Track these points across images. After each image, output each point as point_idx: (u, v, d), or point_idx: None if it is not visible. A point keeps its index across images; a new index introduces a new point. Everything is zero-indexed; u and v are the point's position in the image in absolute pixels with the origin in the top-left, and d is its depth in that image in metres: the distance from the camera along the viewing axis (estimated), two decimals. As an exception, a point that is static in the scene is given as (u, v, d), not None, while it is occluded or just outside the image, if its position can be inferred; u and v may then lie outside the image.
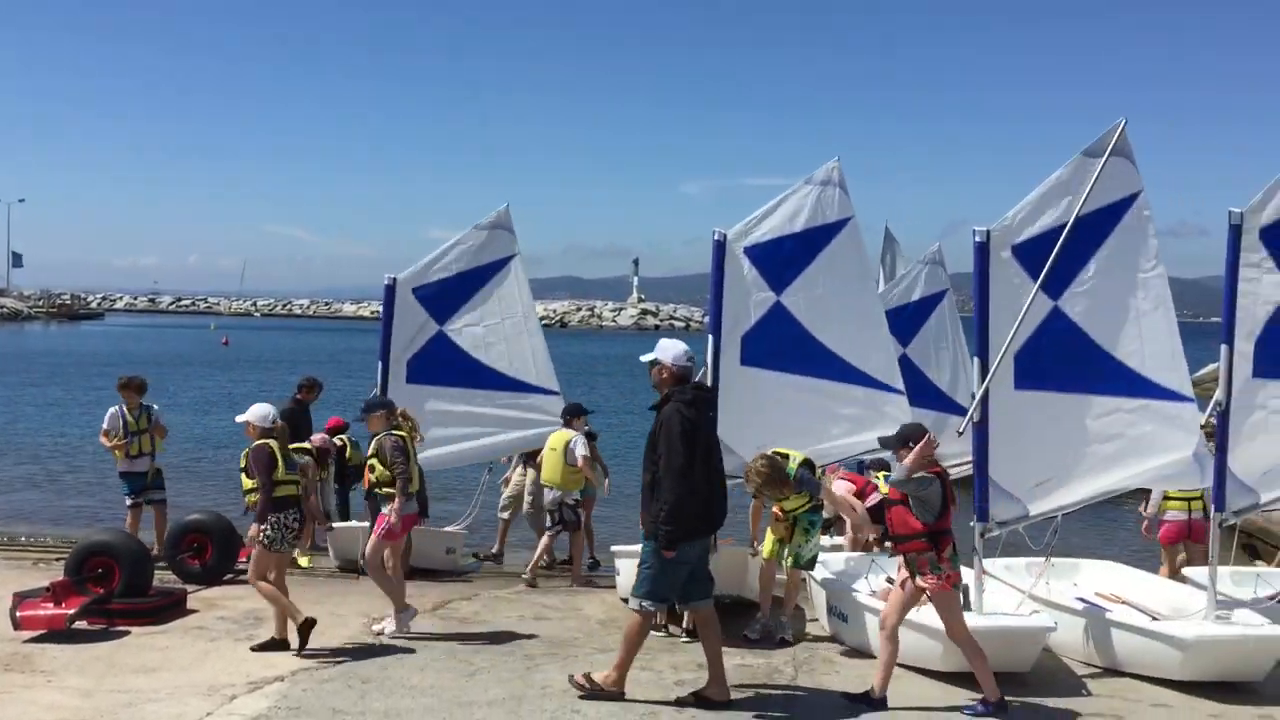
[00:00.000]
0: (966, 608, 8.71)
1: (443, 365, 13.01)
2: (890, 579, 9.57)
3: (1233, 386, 8.80)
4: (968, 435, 8.95)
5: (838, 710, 7.54)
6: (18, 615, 9.08)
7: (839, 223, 10.62)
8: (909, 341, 12.86)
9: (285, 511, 8.77)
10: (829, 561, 10.13)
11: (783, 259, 10.55)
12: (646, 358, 7.85)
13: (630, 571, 9.05)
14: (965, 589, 8.83)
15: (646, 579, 7.56)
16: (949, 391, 12.99)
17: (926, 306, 13.38)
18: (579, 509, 12.36)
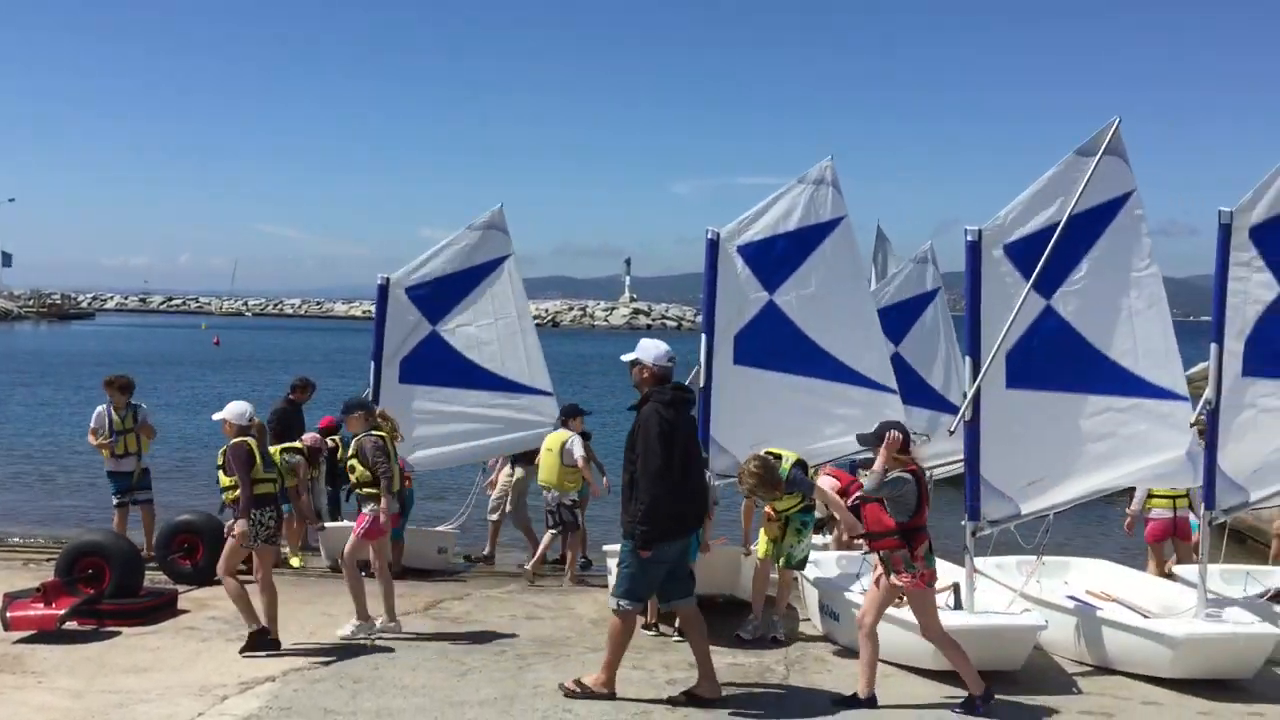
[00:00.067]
0: (958, 606, 8.74)
1: (436, 365, 13.00)
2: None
3: (1222, 385, 8.82)
4: (959, 434, 8.97)
5: (829, 709, 7.54)
6: (8, 616, 9.06)
7: (832, 222, 10.63)
8: (901, 340, 12.88)
9: (262, 509, 8.80)
10: (821, 561, 10.14)
11: (776, 258, 10.56)
12: (627, 357, 7.85)
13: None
14: (956, 587, 8.86)
15: (624, 578, 7.60)
16: (941, 390, 13.01)
17: (918, 305, 13.39)
18: (576, 509, 12.36)
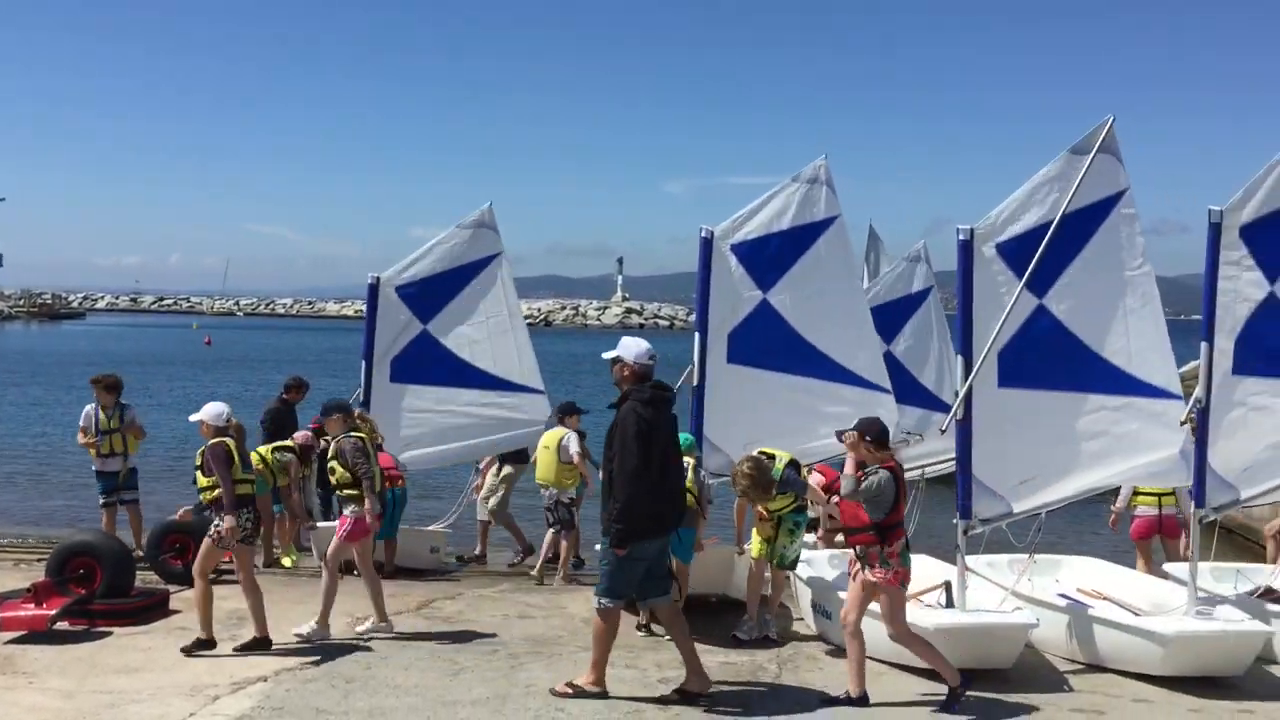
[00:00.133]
0: (950, 604, 8.75)
1: (427, 364, 12.97)
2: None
3: (1212, 383, 8.84)
4: (951, 432, 8.98)
5: (821, 708, 7.53)
6: (-1, 616, 9.03)
7: (826, 221, 10.64)
8: (893, 339, 12.89)
9: (239, 510, 8.69)
10: (813, 560, 10.14)
11: (769, 257, 10.57)
12: (609, 355, 7.82)
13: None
14: (948, 585, 8.87)
15: (604, 577, 7.64)
16: (933, 389, 13.02)
17: (911, 304, 13.40)
18: (573, 507, 12.35)
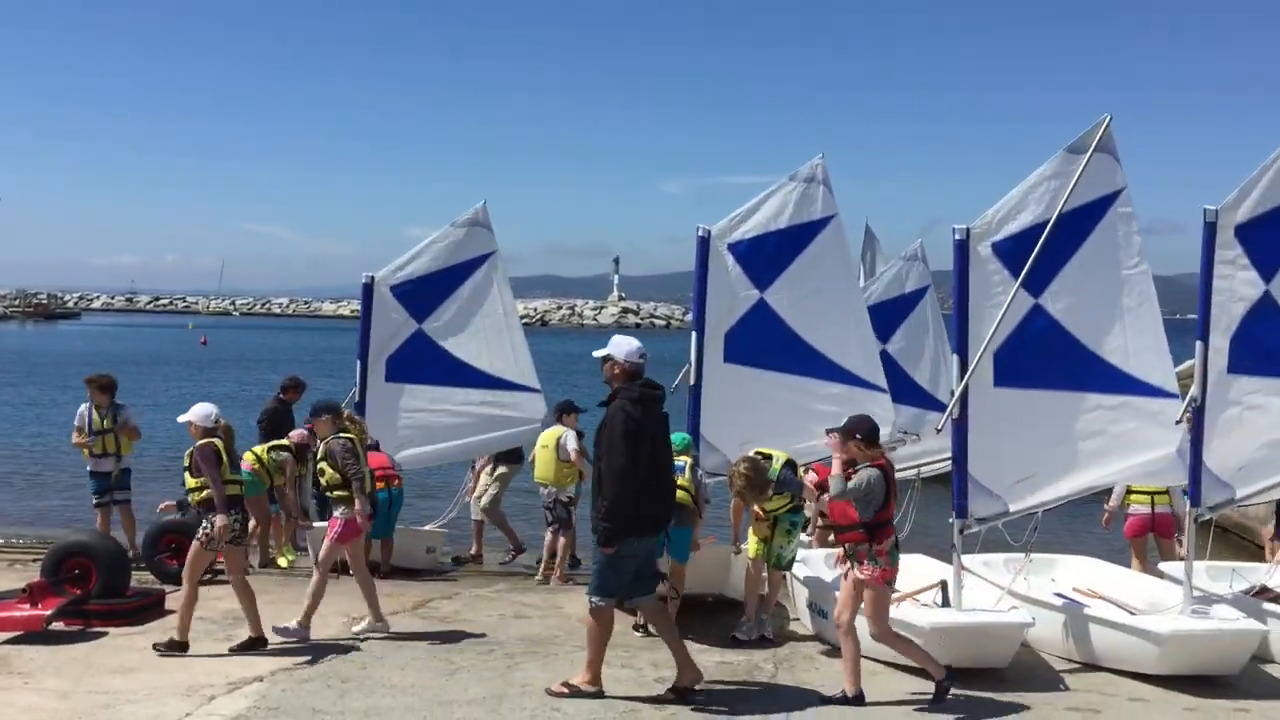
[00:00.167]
0: (946, 603, 8.76)
1: (422, 363, 12.97)
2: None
3: (1208, 382, 8.84)
4: (947, 431, 8.98)
5: (818, 707, 7.53)
6: (-7, 617, 9.01)
7: (823, 220, 10.64)
8: (889, 338, 12.89)
9: (227, 511, 8.64)
10: (809, 559, 10.14)
11: (766, 256, 10.56)
12: (599, 353, 7.81)
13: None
14: (944, 584, 8.88)
15: (595, 575, 7.65)
16: (929, 388, 13.03)
17: (907, 303, 13.41)
18: (571, 506, 12.34)
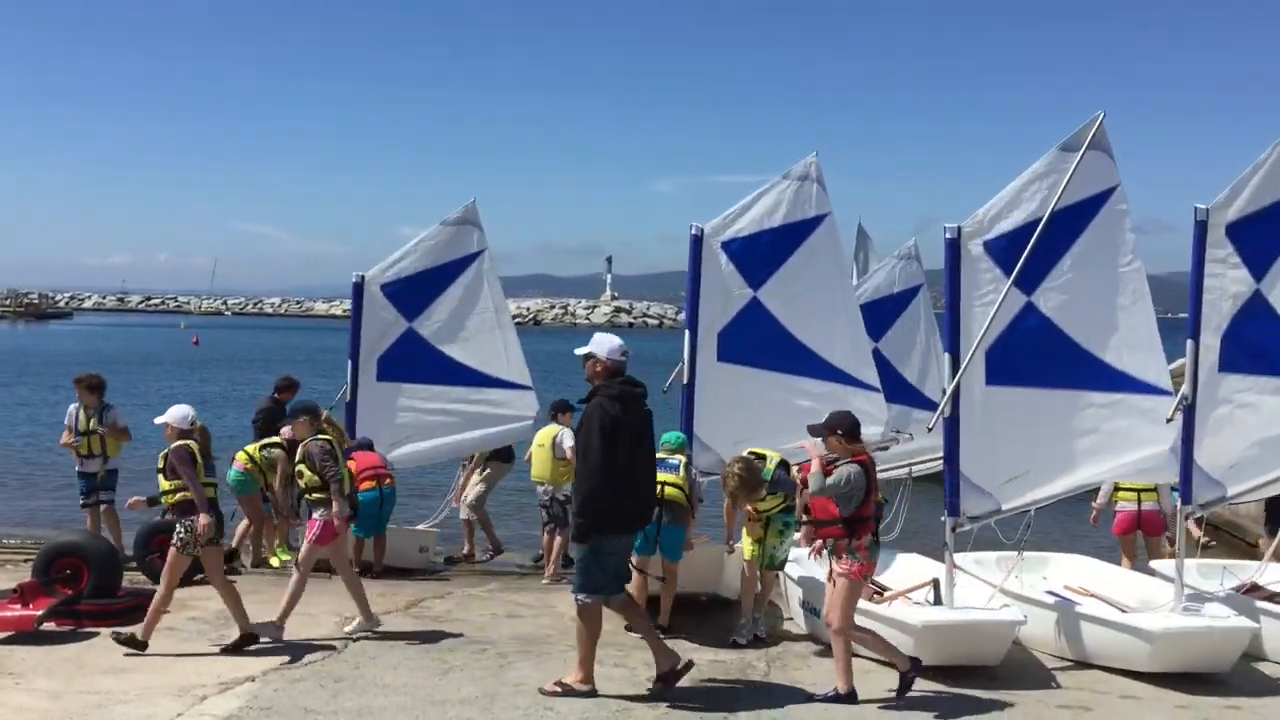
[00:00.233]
0: (938, 601, 8.77)
1: (413, 362, 12.96)
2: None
3: (1198, 381, 8.87)
4: (939, 430, 9.00)
5: (809, 706, 7.55)
6: (-15, 617, 8.98)
7: (816, 218, 10.65)
8: (882, 336, 12.90)
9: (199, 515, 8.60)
10: (803, 559, 10.14)
11: (760, 254, 10.56)
12: (581, 351, 7.80)
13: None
14: (936, 583, 8.89)
15: (579, 572, 7.64)
16: (922, 387, 13.04)
17: (900, 301, 13.40)
18: (568, 505, 12.36)
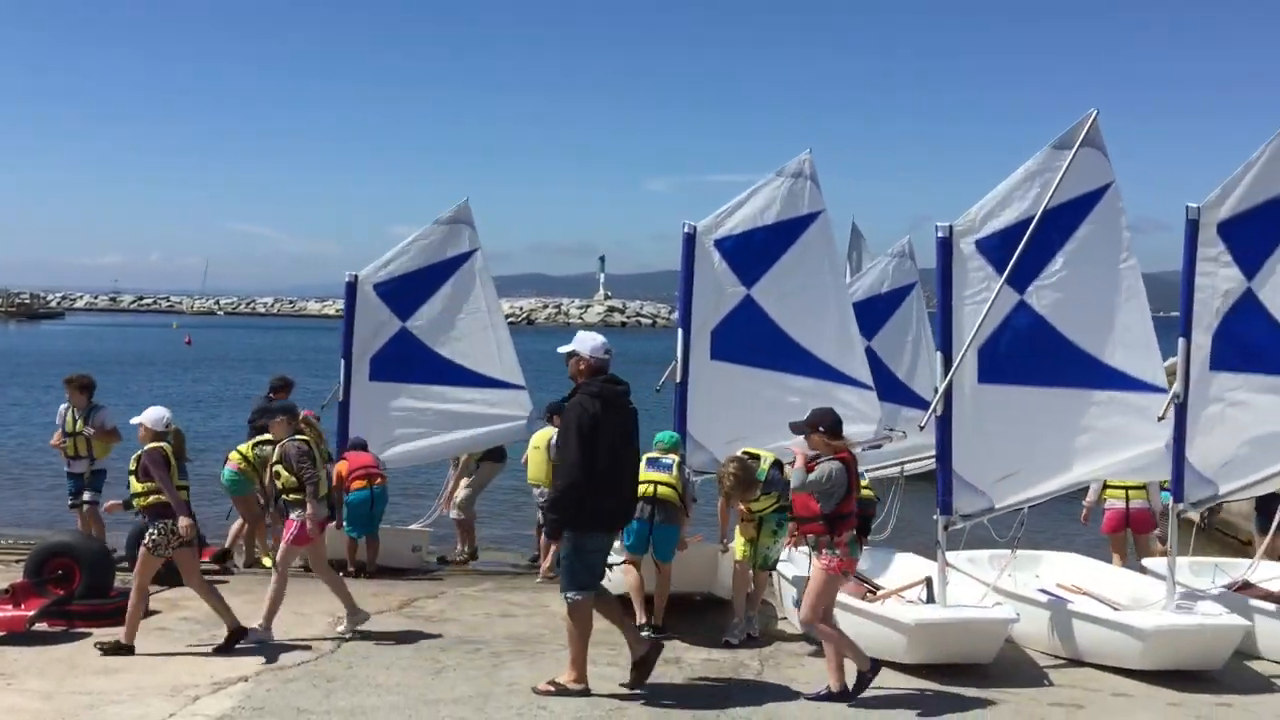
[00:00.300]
0: (931, 600, 8.78)
1: (406, 362, 12.96)
2: (856, 573, 9.60)
3: (1190, 379, 8.88)
4: (931, 428, 9.00)
5: (802, 704, 7.56)
6: (-24, 618, 8.95)
7: (810, 216, 10.63)
8: (874, 334, 12.92)
9: (173, 517, 8.59)
10: (796, 558, 10.15)
11: (754, 252, 10.55)
12: (564, 349, 7.80)
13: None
14: (929, 581, 8.90)
15: (564, 572, 7.67)
16: (914, 385, 13.05)
17: (893, 299, 13.43)
18: None
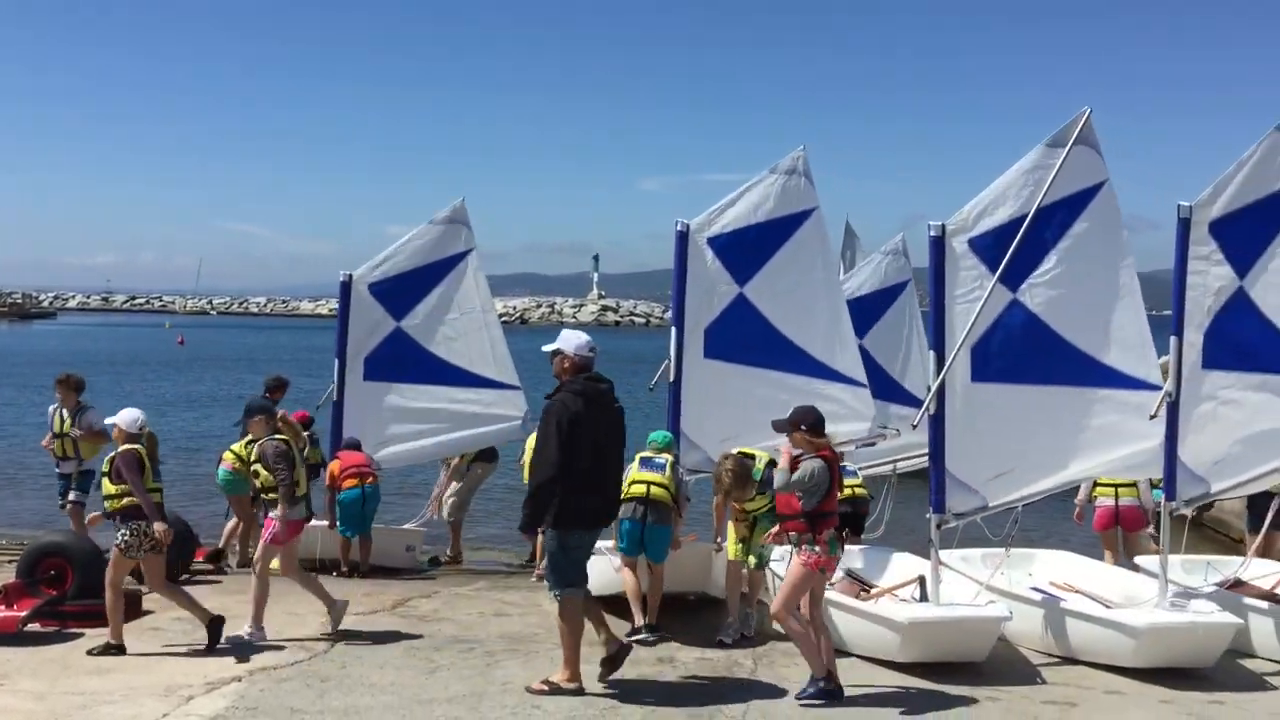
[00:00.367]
0: (924, 598, 8.80)
1: (401, 362, 12.95)
2: (850, 572, 9.64)
3: (1182, 377, 8.89)
4: (924, 426, 9.01)
5: (794, 703, 7.55)
6: (-32, 619, 8.93)
7: (804, 213, 10.61)
8: (866, 333, 12.91)
9: (144, 520, 8.55)
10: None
11: (747, 250, 10.52)
12: (549, 348, 7.80)
13: (593, 567, 9.15)
14: (922, 580, 8.91)
15: (551, 570, 7.70)
16: (907, 383, 13.05)
17: (886, 298, 13.42)
18: None
